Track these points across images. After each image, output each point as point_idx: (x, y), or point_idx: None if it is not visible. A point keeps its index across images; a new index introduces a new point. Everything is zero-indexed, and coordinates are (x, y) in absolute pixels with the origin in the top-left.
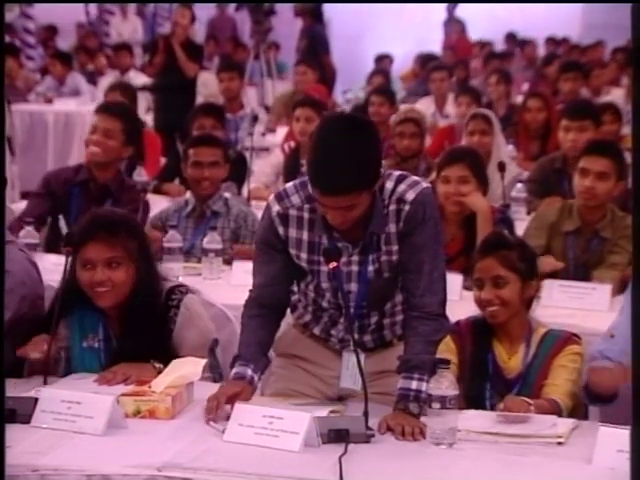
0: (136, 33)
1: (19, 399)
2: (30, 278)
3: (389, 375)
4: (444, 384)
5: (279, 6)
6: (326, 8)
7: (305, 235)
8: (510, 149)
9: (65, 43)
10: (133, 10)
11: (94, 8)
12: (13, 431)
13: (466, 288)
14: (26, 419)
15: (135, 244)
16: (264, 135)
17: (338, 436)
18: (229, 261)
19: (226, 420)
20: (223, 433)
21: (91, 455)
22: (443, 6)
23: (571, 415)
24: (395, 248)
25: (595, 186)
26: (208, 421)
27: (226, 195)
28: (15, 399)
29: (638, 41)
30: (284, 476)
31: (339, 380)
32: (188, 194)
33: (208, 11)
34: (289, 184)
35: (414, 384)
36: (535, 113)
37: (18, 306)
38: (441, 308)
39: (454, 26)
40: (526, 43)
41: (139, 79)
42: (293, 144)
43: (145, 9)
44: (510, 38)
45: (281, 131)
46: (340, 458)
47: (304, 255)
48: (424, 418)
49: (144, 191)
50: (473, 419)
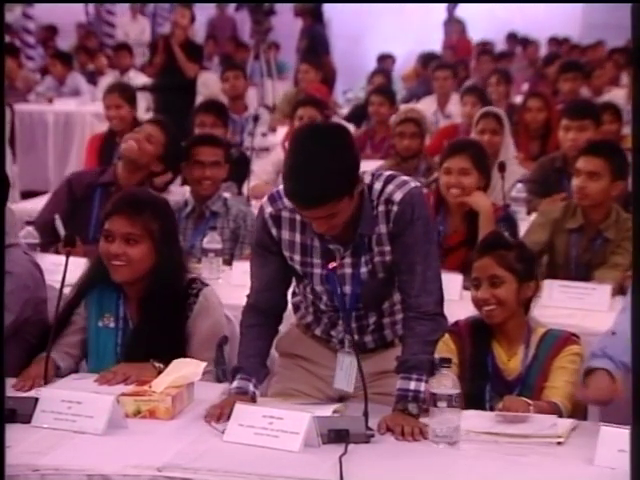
0: (143, 34)
1: (19, 399)
2: (34, 281)
3: (389, 375)
4: (448, 383)
5: (279, 6)
6: (327, 8)
7: (298, 237)
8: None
9: (65, 43)
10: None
11: (93, 8)
12: (13, 431)
13: (466, 288)
14: (26, 419)
15: (157, 225)
16: (265, 135)
17: (338, 436)
18: (229, 261)
19: (226, 420)
20: (223, 433)
21: (91, 455)
22: (443, 6)
23: (571, 416)
24: (387, 249)
25: (586, 186)
26: (209, 422)
27: (225, 195)
28: (15, 399)
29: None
30: (284, 476)
31: (339, 383)
32: (187, 194)
33: (208, 11)
34: (282, 186)
35: (412, 384)
36: (535, 113)
37: (21, 309)
38: (438, 307)
39: (454, 26)
40: (529, 43)
41: (139, 79)
42: None
43: (145, 9)
44: (511, 38)
45: (281, 131)
46: (340, 458)
47: (297, 257)
48: (427, 417)
49: None
50: (473, 419)
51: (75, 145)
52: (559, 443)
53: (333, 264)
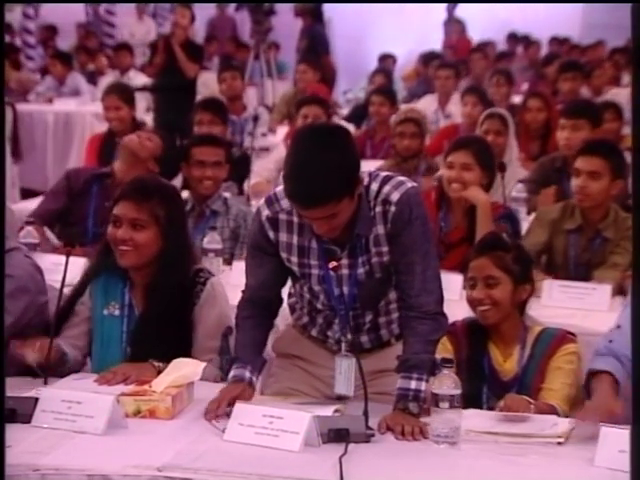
0: (149, 35)
1: (19, 399)
2: (35, 284)
3: (386, 374)
4: (450, 383)
5: (279, 6)
6: (328, 8)
7: (295, 239)
8: None
9: (65, 43)
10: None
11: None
12: (13, 431)
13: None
14: (26, 419)
15: (164, 211)
16: (265, 135)
17: (338, 436)
18: (229, 261)
19: (226, 420)
20: (223, 433)
21: (91, 455)
22: (444, 6)
23: (570, 415)
24: (385, 249)
25: (587, 185)
26: (210, 419)
27: (225, 195)
28: (15, 399)
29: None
30: (284, 476)
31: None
32: (187, 194)
33: (208, 11)
34: (279, 188)
35: (413, 384)
36: (535, 113)
37: (23, 313)
38: (439, 306)
39: (454, 26)
40: (529, 43)
41: (139, 79)
42: None
43: (146, 9)
44: (511, 38)
45: (281, 131)
46: (340, 458)
47: (294, 259)
48: (428, 417)
49: None
50: (473, 419)
51: (75, 145)
52: (559, 443)
53: (333, 264)
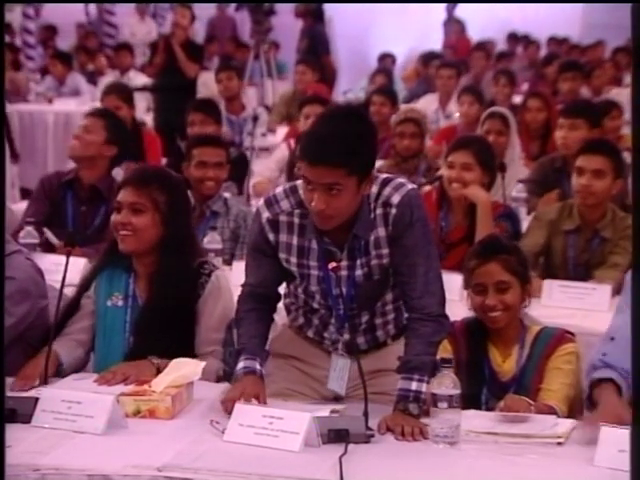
0: (150, 35)
1: (19, 399)
2: (36, 287)
3: (385, 374)
4: (449, 383)
5: (279, 6)
6: (329, 7)
7: (295, 240)
8: None
9: (65, 43)
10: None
11: (94, 8)
12: (14, 431)
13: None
14: (26, 419)
15: (164, 197)
16: (265, 135)
17: (338, 436)
18: (229, 261)
19: (226, 420)
20: (223, 433)
21: (91, 455)
22: (444, 6)
23: (569, 415)
24: (385, 251)
25: (592, 184)
26: (227, 408)
27: (225, 195)
28: (15, 399)
29: (638, 41)
30: (284, 476)
31: (334, 384)
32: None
33: (208, 11)
34: (279, 189)
35: (414, 385)
36: (535, 113)
37: (24, 315)
38: (441, 308)
39: (453, 26)
40: (529, 43)
41: (139, 79)
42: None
43: (146, 9)
44: (511, 38)
45: (281, 131)
46: (340, 458)
47: (294, 259)
48: (428, 418)
49: None
50: (473, 419)
51: None
52: (559, 443)
53: (333, 264)
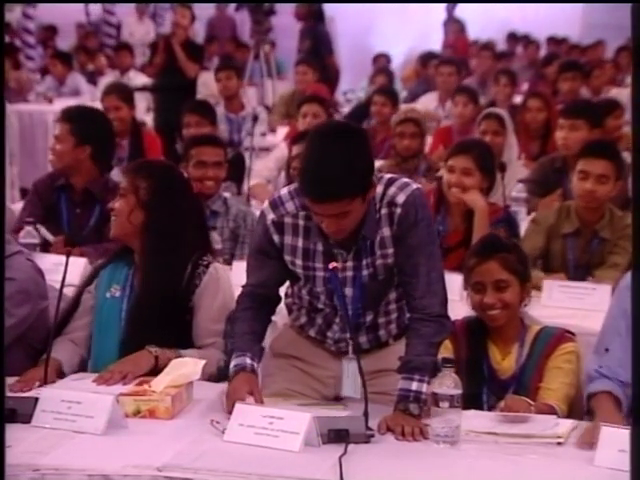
0: (148, 35)
1: (19, 399)
2: (36, 288)
3: (386, 374)
4: (450, 383)
5: (279, 6)
6: (330, 7)
7: (300, 242)
8: None
9: (65, 43)
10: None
11: (97, 8)
12: (14, 431)
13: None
14: (26, 419)
15: (146, 183)
16: (264, 135)
17: (338, 436)
18: (229, 261)
19: (227, 420)
20: (223, 433)
21: (91, 455)
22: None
23: (569, 416)
24: (390, 251)
25: (596, 189)
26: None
27: (225, 195)
28: (15, 399)
29: (638, 41)
30: (284, 476)
31: (340, 387)
32: None
33: (207, 11)
34: (284, 190)
35: (414, 385)
36: (535, 113)
37: (24, 316)
38: (443, 308)
39: (452, 26)
40: (529, 42)
41: (139, 79)
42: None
43: (146, 10)
44: (511, 38)
45: (281, 131)
46: (340, 458)
47: (299, 262)
48: (429, 418)
49: None
50: (473, 419)
51: None
52: (559, 443)
53: (334, 264)
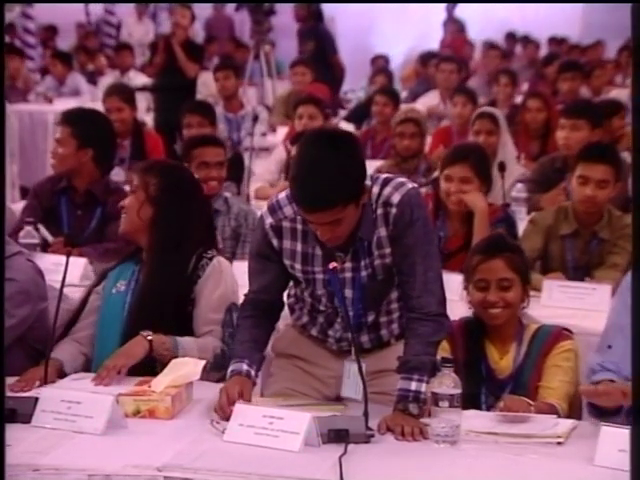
0: (147, 36)
1: (19, 399)
2: (37, 289)
3: (387, 375)
4: (450, 383)
5: (279, 6)
6: (330, 7)
7: (299, 246)
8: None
9: (65, 43)
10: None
11: (97, 8)
12: (13, 431)
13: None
14: (26, 419)
15: (156, 180)
16: (265, 135)
17: (338, 436)
18: (230, 260)
19: (226, 420)
20: (223, 433)
21: (91, 455)
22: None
23: (568, 416)
24: (387, 251)
25: (597, 195)
26: (221, 418)
27: (226, 194)
28: (15, 399)
29: (638, 41)
30: (284, 476)
31: (341, 388)
32: None
33: (206, 11)
34: (282, 195)
35: (413, 385)
36: (535, 113)
37: (25, 317)
38: (441, 308)
39: (452, 26)
40: (528, 42)
41: (139, 79)
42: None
43: (147, 10)
44: (510, 37)
45: (282, 131)
46: (340, 458)
47: (298, 266)
48: (429, 417)
49: None
50: (473, 419)
51: None
52: (559, 443)
53: (334, 264)
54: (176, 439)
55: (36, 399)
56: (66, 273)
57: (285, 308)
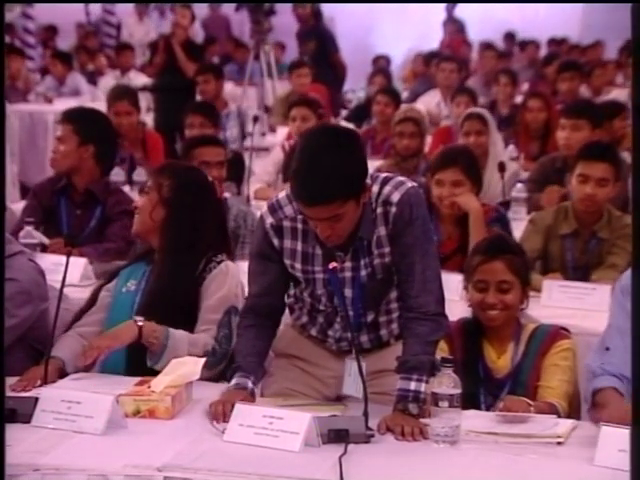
0: (147, 36)
1: (19, 399)
2: (38, 289)
3: (387, 375)
4: (449, 382)
5: (279, 6)
6: (330, 7)
7: (299, 246)
8: (511, 149)
9: (65, 43)
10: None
11: (97, 8)
12: (14, 431)
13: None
14: (26, 419)
15: (169, 181)
16: (264, 135)
17: (338, 436)
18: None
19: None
20: (223, 433)
21: (91, 455)
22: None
23: (567, 416)
24: (387, 250)
25: (596, 193)
26: (216, 420)
27: (225, 195)
28: (15, 399)
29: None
30: (284, 476)
31: (341, 386)
32: None
33: (203, 11)
34: (282, 194)
35: (413, 385)
36: (536, 113)
37: (26, 317)
38: (439, 307)
39: (451, 26)
40: (528, 43)
41: (139, 79)
42: (293, 142)
43: (146, 10)
44: (508, 38)
45: (282, 131)
46: (340, 458)
47: (298, 265)
48: (428, 418)
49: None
50: (473, 419)
51: None
52: (559, 443)
53: (334, 264)
54: (176, 439)
55: (36, 399)
56: (66, 273)
57: (286, 308)
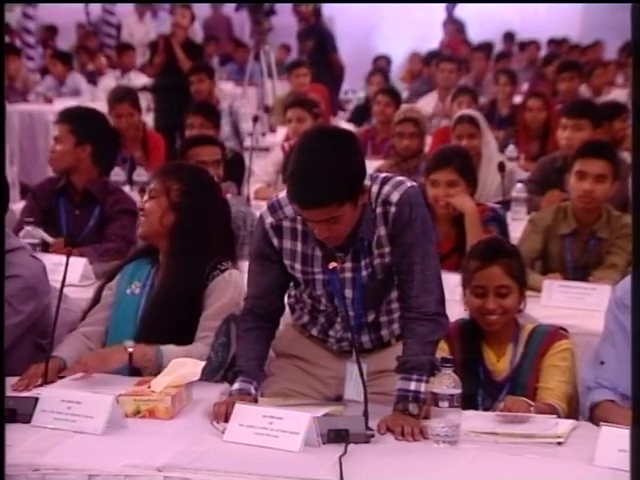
0: (147, 36)
1: (19, 399)
2: (41, 284)
3: (387, 375)
4: (449, 383)
5: (279, 6)
6: (330, 7)
7: (299, 247)
8: (511, 149)
9: (65, 43)
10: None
11: (97, 8)
12: (14, 431)
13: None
14: (26, 419)
15: (177, 185)
16: (264, 135)
17: (338, 436)
18: None
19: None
20: (223, 433)
21: (91, 455)
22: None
23: (566, 416)
24: (387, 250)
25: (594, 189)
26: (217, 421)
27: (226, 195)
28: (15, 399)
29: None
30: (284, 476)
31: (342, 387)
32: None
33: (204, 11)
34: (282, 194)
35: (412, 385)
36: (536, 113)
37: (30, 313)
38: (439, 307)
39: (450, 26)
40: (528, 43)
41: (139, 79)
42: (292, 143)
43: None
44: (508, 38)
45: (281, 131)
46: (340, 458)
47: (298, 266)
48: (428, 418)
49: (143, 191)
50: (473, 419)
51: None
52: (559, 443)
53: (334, 264)
54: (176, 439)
55: (36, 399)
56: (66, 273)
57: (285, 308)
